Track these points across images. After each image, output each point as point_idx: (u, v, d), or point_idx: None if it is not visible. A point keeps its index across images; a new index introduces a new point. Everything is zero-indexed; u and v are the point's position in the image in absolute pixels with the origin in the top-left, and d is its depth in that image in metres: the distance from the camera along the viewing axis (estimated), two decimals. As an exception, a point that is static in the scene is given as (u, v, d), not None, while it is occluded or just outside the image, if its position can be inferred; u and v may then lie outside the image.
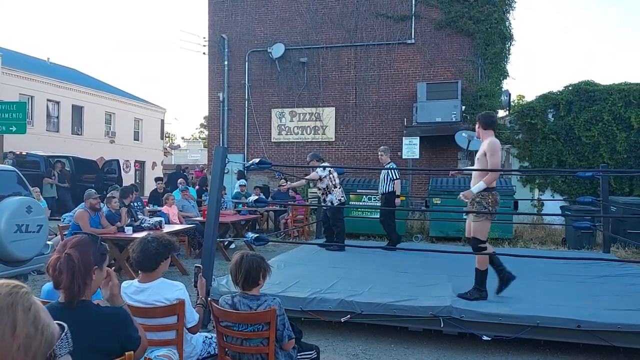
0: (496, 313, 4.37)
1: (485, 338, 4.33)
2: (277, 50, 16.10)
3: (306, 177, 8.84)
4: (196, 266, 3.40)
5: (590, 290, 5.33)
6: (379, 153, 8.74)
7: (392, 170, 8.52)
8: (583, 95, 13.44)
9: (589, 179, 12.35)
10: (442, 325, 4.41)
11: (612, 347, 4.19)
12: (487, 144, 4.93)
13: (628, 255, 9.17)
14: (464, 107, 14.10)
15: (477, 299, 4.75)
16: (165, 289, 2.82)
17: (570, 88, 13.68)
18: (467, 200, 5.00)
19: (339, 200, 8.18)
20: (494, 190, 4.93)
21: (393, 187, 8.62)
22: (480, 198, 4.89)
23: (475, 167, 5.16)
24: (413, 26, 15.25)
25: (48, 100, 25.98)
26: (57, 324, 1.01)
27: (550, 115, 13.82)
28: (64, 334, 1.05)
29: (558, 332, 4.24)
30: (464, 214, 5.09)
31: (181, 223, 9.22)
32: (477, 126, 5.23)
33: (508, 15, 14.72)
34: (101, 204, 7.36)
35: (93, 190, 7.27)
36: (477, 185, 4.85)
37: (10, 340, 0.88)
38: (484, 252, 4.92)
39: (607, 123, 13.10)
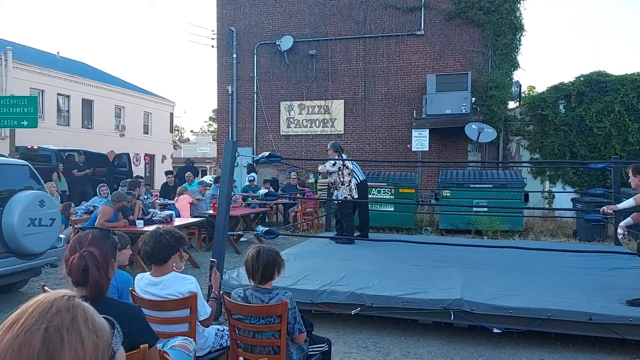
0: (507, 306, 4.36)
1: (495, 331, 4.33)
2: (286, 42, 16.06)
3: (318, 169, 8.82)
4: (211, 260, 3.43)
5: (601, 283, 5.30)
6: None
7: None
8: (595, 86, 13.30)
9: (600, 170, 12.24)
10: (452, 318, 4.41)
11: (623, 339, 4.18)
12: None
13: (640, 247, 9.09)
14: (474, 99, 14.00)
15: None
16: (178, 283, 2.85)
17: (582, 79, 13.54)
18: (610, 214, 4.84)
19: (345, 197, 8.11)
20: None
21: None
22: None
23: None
24: (422, 17, 15.13)
25: (58, 94, 26.14)
26: (106, 318, 1.01)
27: (561, 107, 13.70)
28: (115, 330, 1.05)
29: (569, 325, 4.23)
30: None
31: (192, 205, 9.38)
32: (636, 179, 4.88)
33: (519, 5, 14.56)
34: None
35: (122, 192, 7.37)
36: (627, 202, 4.69)
37: (82, 355, 0.88)
38: None
39: (619, 114, 12.96)
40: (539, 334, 4.38)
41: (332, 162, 8.16)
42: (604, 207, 4.88)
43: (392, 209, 10.98)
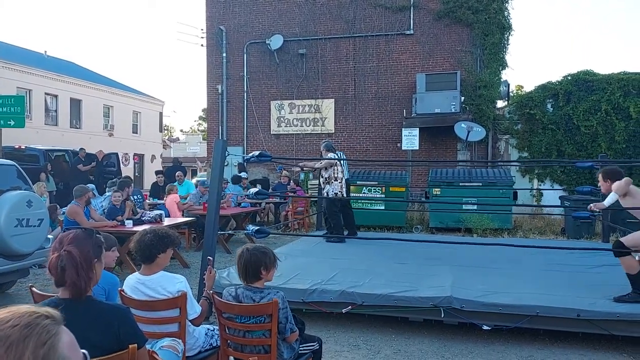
0: (496, 303, 4.39)
1: (485, 328, 4.36)
2: (276, 42, 16.04)
3: (316, 166, 8.81)
4: (207, 258, 3.43)
5: (589, 280, 5.36)
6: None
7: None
8: (582, 85, 13.43)
9: (588, 169, 12.36)
10: (442, 316, 4.44)
11: (611, 336, 4.23)
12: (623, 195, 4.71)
13: (627, 244, 9.19)
14: (463, 98, 14.08)
15: (638, 302, 4.41)
16: (167, 282, 2.84)
17: (569, 78, 13.67)
18: (598, 211, 4.82)
19: (335, 193, 8.15)
20: None
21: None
22: None
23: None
24: (412, 17, 15.18)
25: (46, 93, 25.91)
26: (83, 353, 0.98)
27: (549, 106, 13.82)
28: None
29: (557, 322, 4.27)
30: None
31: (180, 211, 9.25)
32: (607, 184, 4.85)
33: (506, 5, 14.67)
34: (99, 197, 7.39)
35: (84, 185, 7.28)
36: (611, 196, 4.63)
37: None
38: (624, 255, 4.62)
39: (605, 113, 13.10)
40: (528, 331, 4.42)
41: (332, 155, 8.21)
42: (591, 205, 4.91)
43: (383, 207, 11.02)
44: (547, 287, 5.00)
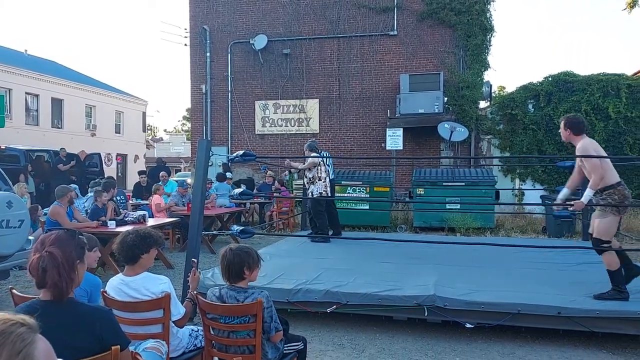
0: (479, 301, 4.44)
1: (468, 325, 4.41)
2: (260, 41, 16.00)
3: (300, 167, 8.83)
4: (192, 260, 3.41)
5: (570, 278, 5.45)
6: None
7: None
8: (562, 86, 13.64)
9: (568, 168, 12.55)
10: (426, 314, 4.48)
11: (591, 332, 4.30)
12: (577, 149, 4.74)
13: (606, 242, 9.35)
14: (446, 99, 14.20)
15: (617, 299, 4.46)
16: (150, 283, 2.83)
17: (550, 79, 13.87)
18: (578, 211, 4.78)
19: (320, 193, 8.17)
20: (619, 185, 4.58)
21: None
22: (606, 195, 4.57)
23: (576, 173, 4.96)
24: (395, 18, 15.27)
25: (26, 93, 25.53)
26: None
27: (530, 106, 14.01)
28: None
29: (539, 319, 4.33)
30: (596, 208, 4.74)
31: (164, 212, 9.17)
32: (567, 133, 4.88)
33: (489, 6, 14.82)
34: (81, 198, 7.30)
35: (66, 185, 7.20)
36: (588, 193, 4.58)
37: None
38: (607, 250, 4.64)
39: (585, 113, 13.29)
40: (510, 328, 4.48)
41: (315, 154, 8.22)
42: (573, 205, 4.96)
43: (368, 207, 11.07)
44: (529, 285, 5.07)
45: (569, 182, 5.19)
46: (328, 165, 8.49)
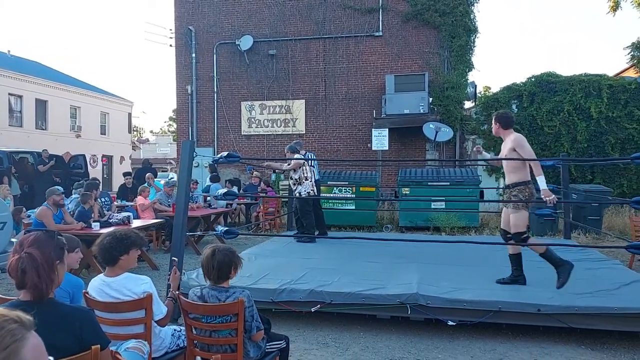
0: (461, 299, 4.51)
1: (450, 323, 4.47)
2: (246, 42, 15.99)
3: (284, 167, 8.90)
4: (172, 259, 3.42)
5: (550, 276, 5.52)
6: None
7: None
8: (545, 87, 13.82)
9: (550, 168, 12.73)
10: (409, 312, 4.53)
11: (570, 328, 4.39)
12: (512, 140, 5.03)
13: (588, 240, 9.52)
14: (431, 99, 14.31)
15: (569, 274, 4.78)
16: (131, 283, 2.84)
17: (533, 79, 14.04)
18: (553, 202, 5.00)
19: (308, 193, 8.24)
20: (529, 183, 5.02)
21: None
22: (517, 191, 4.99)
23: (503, 163, 5.22)
24: (380, 19, 15.35)
25: (10, 94, 25.23)
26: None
27: (514, 106, 14.16)
28: None
29: (519, 316, 4.41)
30: (505, 205, 5.19)
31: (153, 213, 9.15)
32: (496, 127, 5.24)
33: (472, 8, 14.97)
34: (65, 200, 7.26)
35: (55, 187, 7.17)
36: (540, 180, 4.89)
37: None
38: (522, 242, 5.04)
39: (568, 113, 13.51)
40: (491, 325, 4.54)
41: (298, 156, 8.27)
42: (548, 200, 5.10)
43: (354, 207, 11.13)
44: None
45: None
46: (313, 166, 8.54)
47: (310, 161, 8.49)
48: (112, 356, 2.04)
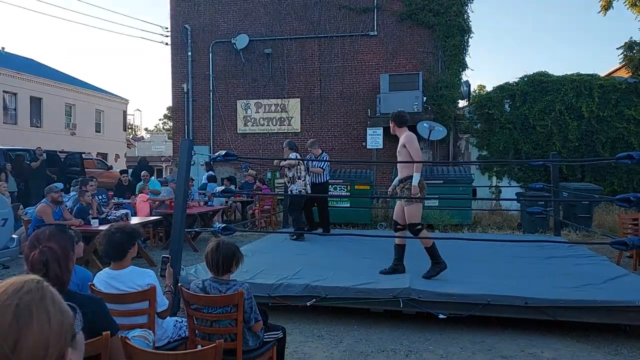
0: (451, 293, 4.67)
1: (441, 316, 4.62)
2: (241, 41, 16.08)
3: (282, 164, 9.07)
4: (164, 256, 3.55)
5: (539, 270, 5.71)
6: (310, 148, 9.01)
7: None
8: (537, 86, 14.00)
9: (542, 167, 12.93)
10: (401, 306, 4.68)
11: (557, 321, 4.55)
12: (404, 137, 5.48)
13: (578, 237, 9.70)
14: (425, 98, 14.46)
15: (439, 272, 5.24)
16: (137, 276, 2.98)
17: (526, 79, 14.23)
18: (416, 194, 5.34)
19: (299, 191, 8.41)
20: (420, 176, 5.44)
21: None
22: (409, 184, 5.41)
23: (398, 160, 5.64)
24: (375, 18, 15.49)
25: (4, 91, 25.19)
26: (68, 305, 1.10)
27: (506, 106, 14.34)
28: (76, 314, 1.18)
29: (507, 309, 4.56)
30: (399, 200, 5.65)
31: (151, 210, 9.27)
32: (392, 125, 5.73)
33: (466, 8, 15.12)
34: (64, 197, 7.36)
35: (55, 184, 7.27)
36: (415, 177, 5.34)
37: (48, 331, 0.98)
38: (421, 235, 5.42)
39: (559, 113, 13.70)
40: (481, 318, 4.70)
41: (294, 155, 8.47)
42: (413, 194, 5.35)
43: (349, 205, 11.27)
44: (500, 277, 5.32)
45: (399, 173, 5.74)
46: (324, 168, 8.80)
47: (309, 162, 8.67)
48: (122, 341, 2.17)
